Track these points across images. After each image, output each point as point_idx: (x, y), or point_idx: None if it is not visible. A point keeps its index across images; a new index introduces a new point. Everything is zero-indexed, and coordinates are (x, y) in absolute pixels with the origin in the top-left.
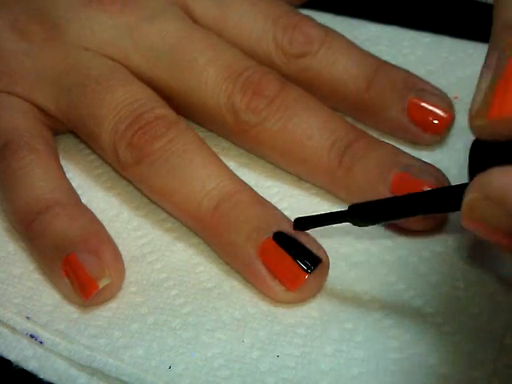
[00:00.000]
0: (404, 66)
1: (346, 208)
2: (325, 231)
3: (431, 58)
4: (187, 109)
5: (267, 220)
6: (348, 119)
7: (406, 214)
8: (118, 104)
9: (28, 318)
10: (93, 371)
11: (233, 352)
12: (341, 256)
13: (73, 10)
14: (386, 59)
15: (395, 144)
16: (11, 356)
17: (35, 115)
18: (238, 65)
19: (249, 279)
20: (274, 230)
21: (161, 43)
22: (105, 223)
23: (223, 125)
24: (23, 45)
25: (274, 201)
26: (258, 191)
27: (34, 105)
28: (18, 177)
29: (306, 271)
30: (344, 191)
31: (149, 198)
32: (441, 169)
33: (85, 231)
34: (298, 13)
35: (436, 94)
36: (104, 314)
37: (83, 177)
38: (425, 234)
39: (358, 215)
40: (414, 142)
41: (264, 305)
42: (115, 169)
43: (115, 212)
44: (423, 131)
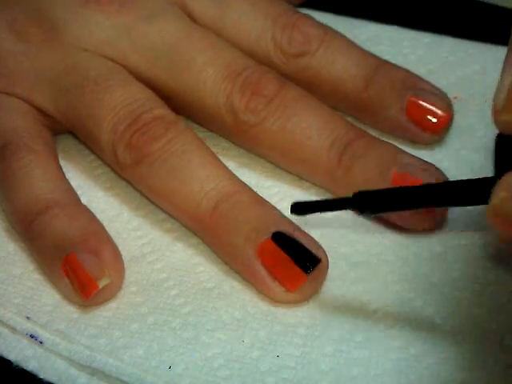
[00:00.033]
0: (404, 66)
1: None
2: (325, 231)
3: (431, 58)
4: (186, 108)
5: (266, 220)
6: (348, 119)
7: (413, 206)
8: (117, 105)
9: (28, 318)
10: (93, 371)
11: (233, 352)
12: (341, 256)
13: (71, 11)
14: (387, 59)
15: (395, 143)
16: (11, 356)
17: (34, 116)
18: (237, 64)
19: (248, 280)
20: (273, 231)
21: (159, 43)
22: (105, 223)
23: (222, 124)
24: (21, 46)
25: (274, 201)
26: (258, 191)
27: (33, 106)
28: (18, 177)
29: (305, 272)
30: (344, 190)
31: (148, 199)
32: (441, 169)
33: (84, 231)
34: (298, 12)
35: (435, 94)
36: (104, 314)
37: (83, 177)
38: (425, 234)
39: (363, 203)
40: (414, 141)
41: (264, 305)
42: (114, 170)
43: (115, 212)
44: (422, 130)
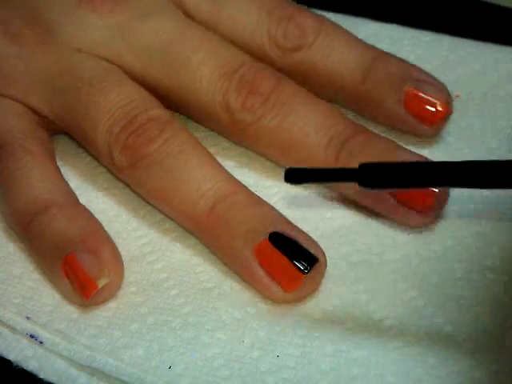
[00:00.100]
0: None
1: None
2: (325, 231)
3: (431, 57)
4: (183, 107)
5: (263, 221)
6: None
7: (420, 183)
8: (112, 106)
9: (28, 318)
10: (93, 371)
11: (233, 352)
12: (341, 256)
13: (64, 12)
14: None
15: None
16: (11, 356)
17: (30, 117)
18: (233, 62)
19: (247, 280)
20: (271, 231)
21: (154, 42)
22: (104, 223)
23: (219, 123)
24: (15, 48)
25: (274, 200)
26: (258, 191)
27: (28, 107)
28: (15, 178)
29: (303, 272)
30: (345, 191)
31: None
32: None
33: (83, 231)
34: (293, 3)
35: (433, 85)
36: (104, 314)
37: (82, 177)
38: (425, 234)
39: (367, 176)
40: (413, 134)
41: (264, 305)
42: (111, 171)
43: (115, 212)
44: (420, 122)
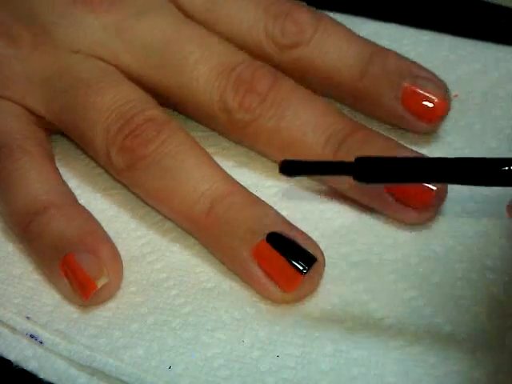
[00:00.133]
0: None
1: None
2: (325, 231)
3: (432, 56)
4: (181, 106)
5: (261, 221)
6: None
7: (417, 178)
8: (109, 107)
9: (28, 318)
10: (93, 371)
11: (233, 352)
12: (341, 256)
13: (60, 13)
14: None
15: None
16: (11, 356)
17: (28, 118)
18: (230, 60)
19: (246, 281)
20: (268, 231)
21: (150, 41)
22: (104, 223)
23: (218, 122)
24: (12, 50)
25: (274, 200)
26: (258, 191)
27: (26, 108)
28: (13, 179)
29: (301, 272)
30: (341, 188)
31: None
32: None
33: (82, 231)
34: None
35: (432, 81)
36: (104, 314)
37: (81, 177)
38: (425, 234)
39: (363, 171)
40: (412, 131)
41: (264, 305)
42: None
43: (114, 212)
44: (418, 119)
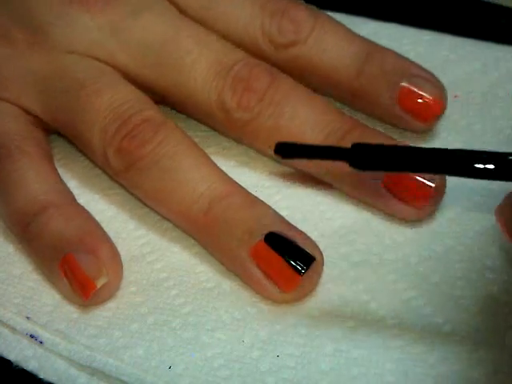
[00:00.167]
0: None
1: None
2: (325, 231)
3: (431, 56)
4: (180, 105)
5: (260, 221)
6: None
7: (414, 168)
8: (107, 107)
9: (28, 318)
10: (93, 371)
11: (233, 352)
12: (341, 256)
13: (55, 13)
14: None
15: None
16: (11, 356)
17: (25, 118)
18: (227, 58)
19: (245, 281)
20: (267, 232)
21: (146, 40)
22: (104, 223)
23: (216, 121)
24: (8, 50)
25: (274, 200)
26: (258, 191)
27: (23, 109)
28: (12, 180)
29: (299, 273)
30: (338, 184)
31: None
32: None
33: (81, 231)
34: None
35: (428, 80)
36: (104, 314)
37: (81, 177)
38: (424, 234)
39: (360, 157)
40: (410, 130)
41: (264, 305)
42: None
43: (114, 212)
44: (414, 119)
